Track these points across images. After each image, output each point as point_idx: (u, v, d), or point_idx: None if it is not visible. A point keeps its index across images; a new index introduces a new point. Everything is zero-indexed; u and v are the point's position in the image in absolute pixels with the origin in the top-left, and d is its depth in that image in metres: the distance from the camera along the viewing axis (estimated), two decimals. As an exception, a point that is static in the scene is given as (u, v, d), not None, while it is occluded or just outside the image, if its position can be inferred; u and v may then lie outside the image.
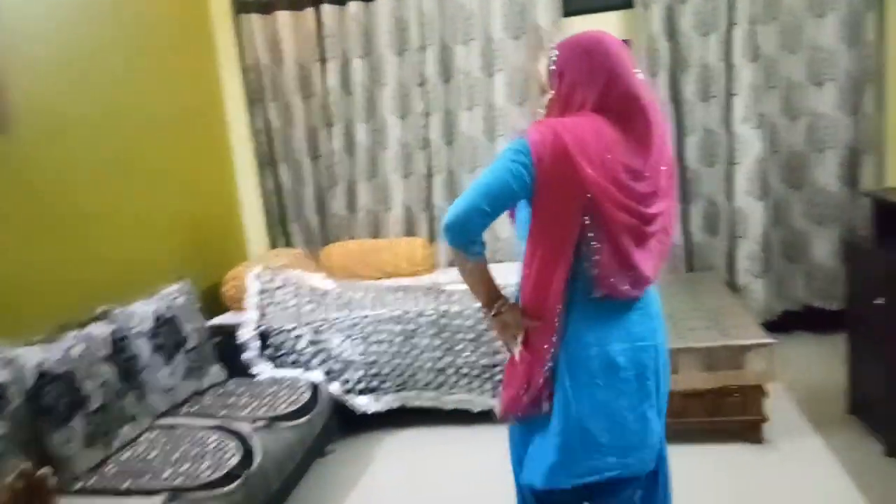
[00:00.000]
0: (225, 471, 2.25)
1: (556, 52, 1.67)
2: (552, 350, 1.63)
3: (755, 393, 2.81)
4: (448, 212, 1.55)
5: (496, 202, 1.54)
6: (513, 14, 3.98)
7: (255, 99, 4.28)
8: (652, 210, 1.61)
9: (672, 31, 3.90)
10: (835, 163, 3.83)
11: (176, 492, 2.12)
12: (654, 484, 1.78)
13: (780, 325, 3.86)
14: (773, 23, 3.81)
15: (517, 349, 1.67)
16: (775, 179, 3.95)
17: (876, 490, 2.42)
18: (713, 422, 2.87)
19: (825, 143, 3.84)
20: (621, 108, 1.60)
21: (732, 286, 3.89)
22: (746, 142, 3.81)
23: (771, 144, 3.90)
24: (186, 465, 2.27)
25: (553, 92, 1.68)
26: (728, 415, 2.84)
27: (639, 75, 1.63)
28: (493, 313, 1.67)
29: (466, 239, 1.56)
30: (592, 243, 1.58)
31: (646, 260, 1.61)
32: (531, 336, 1.65)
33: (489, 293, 1.68)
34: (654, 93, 1.66)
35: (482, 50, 4.04)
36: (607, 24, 3.96)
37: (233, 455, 2.35)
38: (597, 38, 1.64)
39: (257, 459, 2.36)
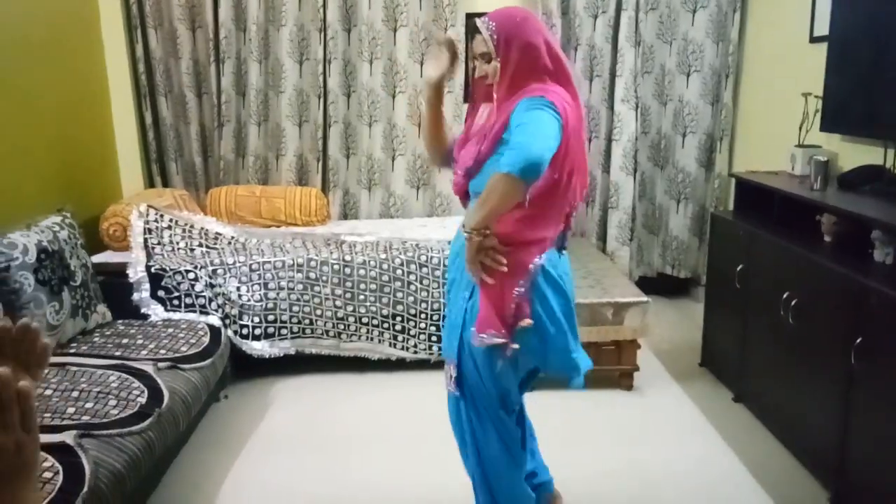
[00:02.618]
0: (135, 409, 2.16)
1: (493, 23, 1.77)
2: (532, 271, 1.78)
3: (631, 346, 3.14)
4: (523, 153, 1.59)
5: (554, 148, 1.64)
6: (417, -28, 4.01)
7: (135, 24, 3.96)
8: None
9: (566, 9, 4.13)
10: (694, 146, 4.28)
11: (85, 429, 2.01)
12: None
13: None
14: (653, 12, 4.15)
15: (499, 268, 1.75)
16: (643, 157, 4.35)
17: (728, 428, 2.82)
18: (593, 370, 3.16)
19: (688, 128, 4.27)
20: (562, 74, 1.79)
21: (602, 251, 4.25)
22: (623, 121, 4.15)
23: (642, 125, 4.27)
24: (91, 404, 2.15)
25: (500, 59, 1.77)
26: (605, 364, 3.15)
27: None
28: (481, 234, 1.72)
29: (538, 175, 1.62)
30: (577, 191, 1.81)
31: None
32: (513, 259, 1.76)
33: (494, 218, 1.72)
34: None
35: (385, 2, 4.03)
36: (509, -6, 4.11)
37: (140, 394, 2.25)
38: (525, 10, 1.85)
39: (166, 398, 2.29)
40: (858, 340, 2.09)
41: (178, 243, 3.27)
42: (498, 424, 1.90)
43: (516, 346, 1.78)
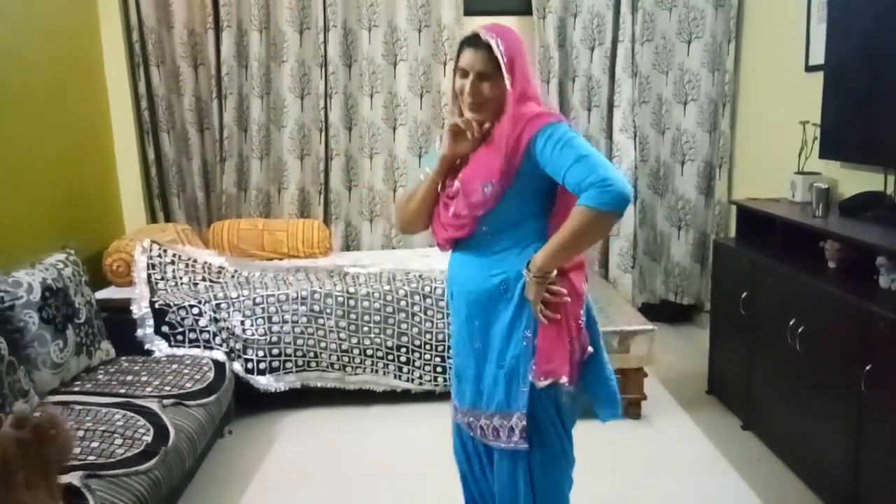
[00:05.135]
0: (141, 448, 2.14)
1: (501, 40, 1.64)
2: (585, 297, 1.76)
3: (637, 374, 3.12)
4: (613, 181, 1.52)
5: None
6: (416, 6, 4.06)
7: (138, 62, 4.00)
8: None
9: (563, 42, 4.19)
10: (693, 174, 4.32)
11: (92, 469, 1.98)
12: None
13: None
14: (649, 44, 4.21)
15: (563, 300, 1.70)
16: (643, 185, 4.37)
17: (737, 457, 2.79)
18: (599, 400, 3.14)
19: (686, 156, 4.31)
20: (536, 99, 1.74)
21: (605, 279, 4.25)
22: (623, 150, 4.19)
23: (641, 154, 4.31)
24: (96, 444, 2.13)
25: (509, 79, 1.64)
26: (612, 394, 3.13)
27: None
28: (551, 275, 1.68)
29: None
30: None
31: None
32: (567, 287, 1.71)
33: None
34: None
35: (385, 37, 4.09)
36: (507, 27, 4.17)
37: (146, 432, 2.23)
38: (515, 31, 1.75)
39: (172, 436, 2.27)
40: (868, 367, 2.08)
41: (181, 278, 3.27)
42: (566, 478, 1.89)
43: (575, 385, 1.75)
